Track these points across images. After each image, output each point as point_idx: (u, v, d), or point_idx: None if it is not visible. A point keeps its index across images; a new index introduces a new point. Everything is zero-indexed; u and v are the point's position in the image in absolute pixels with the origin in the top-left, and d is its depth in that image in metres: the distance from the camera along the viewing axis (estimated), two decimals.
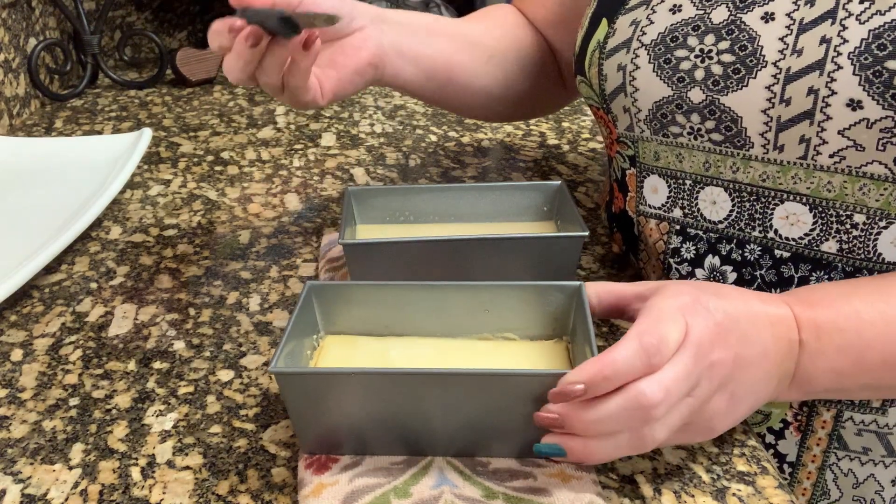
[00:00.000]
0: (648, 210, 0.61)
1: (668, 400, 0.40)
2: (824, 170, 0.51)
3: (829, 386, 0.47)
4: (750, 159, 0.54)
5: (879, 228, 0.51)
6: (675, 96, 0.55)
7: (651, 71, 0.56)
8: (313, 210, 0.79)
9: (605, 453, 0.42)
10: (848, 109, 0.49)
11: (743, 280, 0.57)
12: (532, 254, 0.57)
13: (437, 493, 0.43)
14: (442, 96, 0.74)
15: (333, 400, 0.44)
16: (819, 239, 0.53)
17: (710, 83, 0.54)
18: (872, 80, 0.48)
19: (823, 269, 0.53)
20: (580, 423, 0.41)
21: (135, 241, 0.74)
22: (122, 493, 0.46)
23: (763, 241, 0.55)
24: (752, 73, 0.52)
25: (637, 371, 0.40)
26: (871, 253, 0.52)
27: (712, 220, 0.57)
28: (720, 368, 0.42)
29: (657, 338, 0.41)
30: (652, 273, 0.63)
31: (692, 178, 0.57)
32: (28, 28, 1.07)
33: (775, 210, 0.54)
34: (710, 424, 0.44)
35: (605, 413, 0.40)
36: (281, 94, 0.60)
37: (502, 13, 0.80)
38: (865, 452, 0.57)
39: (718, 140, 0.55)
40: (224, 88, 1.18)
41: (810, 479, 0.59)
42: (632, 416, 0.40)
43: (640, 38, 0.57)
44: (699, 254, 0.58)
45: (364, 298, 0.51)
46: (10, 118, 1.01)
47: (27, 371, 0.57)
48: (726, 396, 0.43)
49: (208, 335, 0.60)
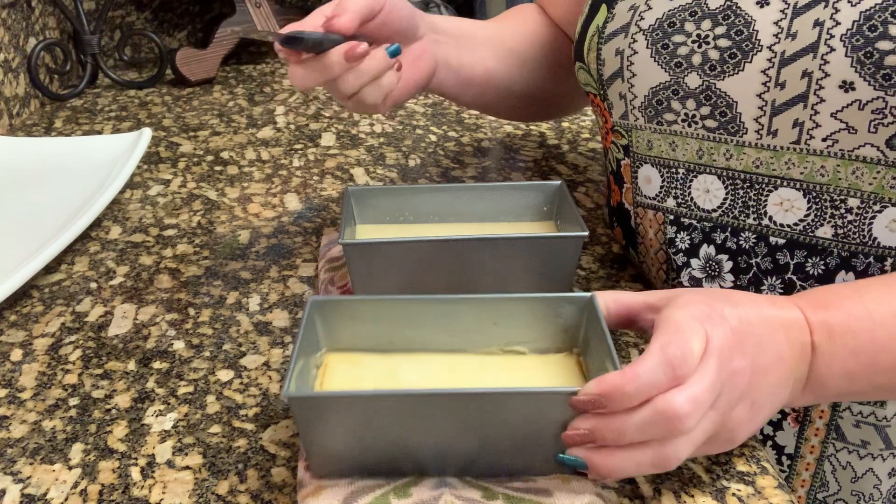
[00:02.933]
0: (644, 201, 0.61)
1: (697, 412, 0.40)
2: (817, 154, 0.52)
3: (841, 389, 0.47)
4: (743, 146, 0.54)
5: (874, 213, 0.51)
6: (672, 82, 0.56)
7: (649, 56, 0.57)
8: (313, 210, 0.79)
9: (626, 469, 0.41)
10: (841, 91, 0.49)
11: (739, 268, 0.57)
12: (532, 254, 0.57)
13: (437, 494, 0.43)
14: (479, 102, 0.77)
15: (352, 423, 0.42)
16: (814, 224, 0.53)
17: (706, 68, 0.54)
18: (864, 61, 0.48)
19: (819, 254, 0.54)
20: (609, 433, 0.40)
21: (134, 240, 0.74)
22: (122, 493, 0.46)
23: (758, 229, 0.55)
24: (748, 58, 0.53)
25: (662, 384, 0.39)
26: (866, 237, 0.52)
27: (706, 209, 0.57)
28: (740, 378, 0.42)
29: (681, 349, 0.40)
30: (651, 267, 0.64)
31: (685, 167, 0.58)
32: (28, 28, 1.07)
33: (769, 196, 0.54)
34: (732, 435, 0.43)
35: (632, 424, 0.40)
36: (348, 100, 0.61)
37: (530, 14, 0.82)
38: (864, 445, 0.57)
39: (712, 127, 0.55)
40: (224, 88, 1.18)
41: (809, 470, 0.59)
42: (660, 428, 0.39)
43: (638, 24, 0.57)
44: (694, 243, 0.59)
45: (368, 314, 0.49)
46: (9, 118, 1.01)
47: (27, 371, 0.57)
48: (747, 405, 0.43)
49: (208, 335, 0.60)
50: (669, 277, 0.61)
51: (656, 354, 0.40)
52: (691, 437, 0.41)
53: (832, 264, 0.53)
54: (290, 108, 1.09)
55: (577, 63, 0.64)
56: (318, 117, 1.06)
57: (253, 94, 1.15)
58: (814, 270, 0.54)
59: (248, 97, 1.14)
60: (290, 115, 1.07)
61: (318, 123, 1.04)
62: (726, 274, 0.57)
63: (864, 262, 0.52)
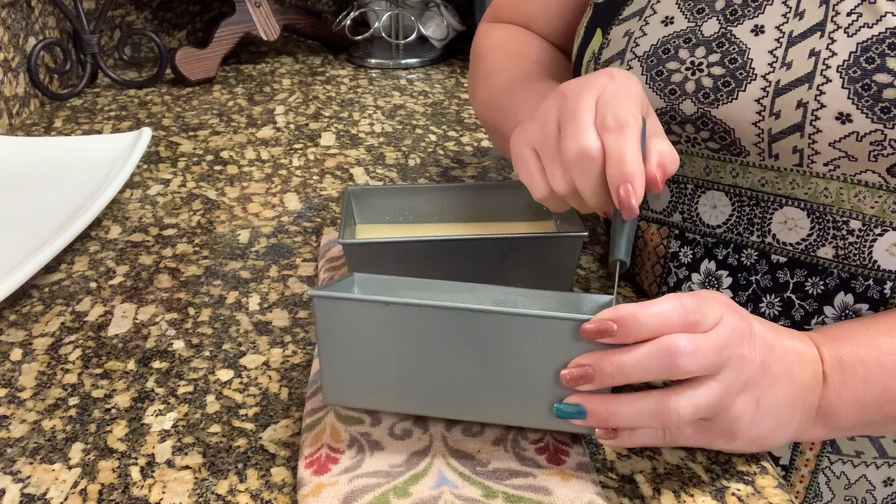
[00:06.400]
0: (650, 215, 0.61)
1: (697, 357, 0.40)
2: (820, 176, 0.51)
3: (854, 420, 0.47)
4: (748, 165, 0.54)
5: (875, 235, 0.51)
6: (668, 108, 0.55)
7: (644, 83, 0.56)
8: (313, 210, 0.79)
9: (625, 416, 0.41)
10: (837, 122, 0.49)
11: (738, 285, 0.57)
12: (532, 253, 0.57)
13: (437, 494, 0.43)
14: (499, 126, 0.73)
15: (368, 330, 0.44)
16: (815, 244, 0.53)
17: (700, 96, 0.54)
18: (861, 93, 0.48)
19: (819, 274, 0.54)
20: (610, 366, 0.41)
21: (134, 240, 0.74)
22: (122, 493, 0.46)
23: (760, 246, 0.55)
24: (742, 86, 0.52)
25: (674, 325, 0.40)
26: (866, 260, 0.52)
27: (710, 225, 0.57)
28: (748, 365, 0.42)
29: (698, 302, 0.41)
30: (645, 280, 0.63)
31: (694, 183, 0.57)
32: (27, 27, 1.07)
33: (774, 214, 0.54)
34: (733, 426, 0.44)
35: (633, 357, 0.40)
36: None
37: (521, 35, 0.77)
38: (858, 455, 0.57)
39: (715, 148, 0.55)
40: (223, 88, 1.18)
41: (803, 482, 0.59)
42: (660, 363, 0.40)
43: (633, 50, 0.57)
44: (696, 258, 0.59)
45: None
46: (9, 118, 1.01)
47: (27, 370, 0.57)
48: (752, 400, 0.43)
49: (208, 335, 0.60)
50: (661, 291, 0.62)
51: (672, 299, 0.41)
52: (692, 396, 0.41)
53: (831, 285, 0.53)
54: (289, 108, 1.09)
55: None
56: (317, 117, 1.06)
57: (253, 94, 1.15)
58: (813, 290, 0.54)
59: (247, 97, 1.14)
60: (289, 115, 1.06)
61: (318, 123, 1.04)
62: (725, 290, 0.57)
63: (863, 285, 0.52)
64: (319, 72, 1.26)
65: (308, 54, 1.35)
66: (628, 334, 0.40)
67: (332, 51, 1.36)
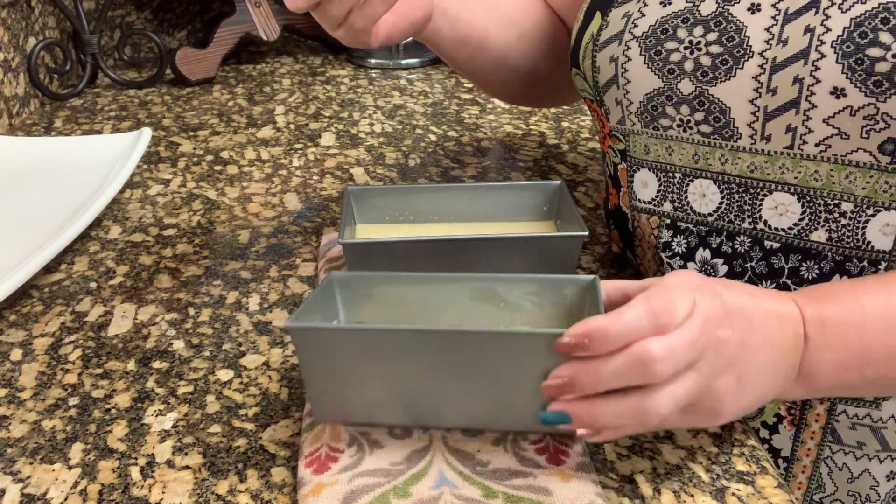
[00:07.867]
0: (640, 205, 0.61)
1: (672, 360, 0.40)
2: (811, 159, 0.52)
3: (834, 381, 0.47)
4: (738, 150, 0.55)
5: (867, 217, 0.51)
6: (666, 88, 0.56)
7: (642, 63, 0.57)
8: (313, 210, 0.79)
9: (608, 418, 0.41)
10: (832, 97, 0.49)
11: (734, 272, 0.57)
12: (532, 253, 0.57)
13: (437, 494, 0.43)
14: (472, 65, 0.75)
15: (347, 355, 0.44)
16: (808, 228, 0.53)
17: (699, 74, 0.55)
18: (855, 67, 0.48)
19: (813, 258, 0.54)
20: (587, 377, 0.41)
21: (134, 240, 0.74)
22: (122, 493, 0.46)
23: (753, 233, 0.56)
24: (740, 64, 0.53)
25: (644, 331, 0.40)
26: (860, 241, 0.52)
27: (702, 213, 0.58)
28: (726, 347, 0.42)
29: (665, 301, 0.41)
30: (648, 269, 0.64)
31: (682, 171, 0.58)
32: (27, 27, 1.07)
33: (764, 201, 0.55)
34: (718, 406, 0.43)
35: (608, 368, 0.40)
36: (338, 28, 0.59)
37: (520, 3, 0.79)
38: (860, 447, 0.57)
39: (707, 132, 0.55)
40: (223, 88, 1.18)
41: (805, 472, 0.59)
42: (635, 372, 0.40)
43: (631, 31, 0.58)
44: (690, 248, 0.59)
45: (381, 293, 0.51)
46: (9, 118, 1.01)
47: (27, 371, 0.57)
48: (733, 379, 0.43)
49: (208, 335, 0.60)
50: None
51: (641, 303, 0.41)
52: (671, 392, 0.41)
53: (826, 268, 0.54)
54: (289, 108, 1.09)
55: (574, 69, 0.64)
56: (317, 117, 1.06)
57: (253, 94, 1.15)
58: (808, 274, 0.54)
59: (247, 97, 1.14)
60: (289, 115, 1.06)
61: (318, 123, 1.04)
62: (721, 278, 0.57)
63: (857, 266, 0.53)
64: (319, 72, 1.26)
65: (308, 54, 1.35)
66: (601, 347, 0.40)
67: (332, 51, 1.36)
